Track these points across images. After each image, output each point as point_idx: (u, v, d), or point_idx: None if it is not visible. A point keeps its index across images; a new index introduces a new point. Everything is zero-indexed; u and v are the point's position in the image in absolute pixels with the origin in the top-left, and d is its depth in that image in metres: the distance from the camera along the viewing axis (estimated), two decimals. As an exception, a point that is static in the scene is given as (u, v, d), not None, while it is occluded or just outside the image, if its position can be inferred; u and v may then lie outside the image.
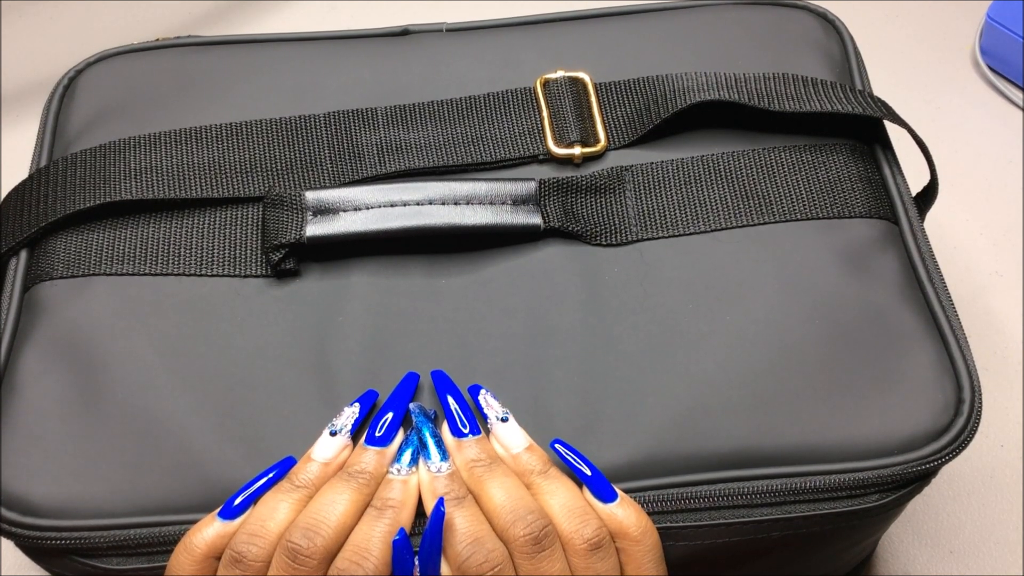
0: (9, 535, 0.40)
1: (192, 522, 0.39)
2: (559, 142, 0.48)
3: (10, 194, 0.48)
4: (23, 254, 0.47)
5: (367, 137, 0.48)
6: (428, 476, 0.39)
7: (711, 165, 0.47)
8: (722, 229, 0.46)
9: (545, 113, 0.49)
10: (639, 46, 0.52)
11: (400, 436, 0.41)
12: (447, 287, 0.45)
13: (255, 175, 0.47)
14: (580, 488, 0.40)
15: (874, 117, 0.48)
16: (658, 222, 0.46)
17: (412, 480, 0.40)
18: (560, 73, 0.50)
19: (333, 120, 0.49)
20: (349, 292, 0.45)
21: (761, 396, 0.42)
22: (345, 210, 0.45)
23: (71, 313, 0.44)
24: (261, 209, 0.46)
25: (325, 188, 0.46)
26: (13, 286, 0.46)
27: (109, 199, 0.46)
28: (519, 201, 0.46)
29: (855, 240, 0.46)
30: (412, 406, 0.41)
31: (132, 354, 0.43)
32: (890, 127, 0.50)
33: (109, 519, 0.40)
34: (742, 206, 0.46)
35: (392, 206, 0.45)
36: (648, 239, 0.46)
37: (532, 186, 0.46)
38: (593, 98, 0.49)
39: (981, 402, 0.42)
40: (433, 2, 0.76)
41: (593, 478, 0.39)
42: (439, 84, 0.50)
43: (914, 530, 0.58)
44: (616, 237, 0.46)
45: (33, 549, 0.41)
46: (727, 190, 0.47)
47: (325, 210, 0.45)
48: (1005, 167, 0.71)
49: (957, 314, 0.44)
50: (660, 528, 0.40)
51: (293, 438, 0.41)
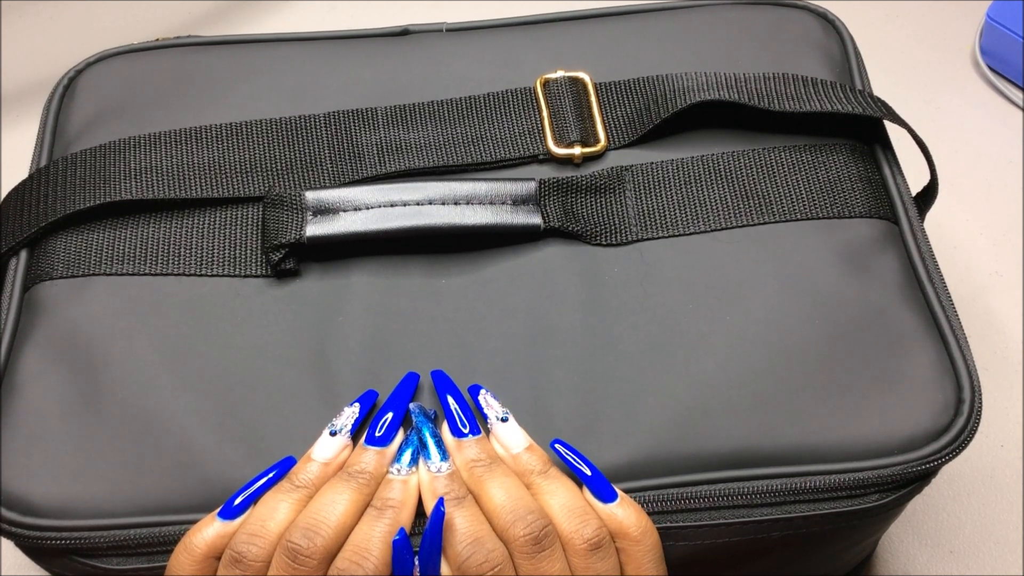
0: (9, 535, 0.40)
1: (192, 522, 0.39)
2: (559, 142, 0.48)
3: (10, 194, 0.48)
4: (23, 254, 0.47)
5: (367, 137, 0.48)
6: (428, 476, 0.39)
7: (711, 165, 0.47)
8: (722, 229, 0.46)
9: (545, 113, 0.49)
10: (639, 46, 0.52)
11: (400, 436, 0.41)
12: (447, 287, 0.45)
13: (255, 175, 0.47)
14: (580, 488, 0.40)
15: (874, 117, 0.48)
16: (658, 222, 0.46)
17: (412, 480, 0.40)
18: (560, 73, 0.50)
19: (333, 120, 0.49)
20: (349, 292, 0.45)
21: (761, 396, 0.42)
22: (345, 210, 0.45)
23: (71, 313, 0.44)
24: (261, 209, 0.46)
25: (325, 188, 0.46)
26: (13, 286, 0.46)
27: (109, 199, 0.46)
28: (519, 201, 0.46)
29: (855, 240, 0.46)
30: (412, 406, 0.41)
31: (132, 354, 0.43)
32: (890, 127, 0.50)
33: (109, 519, 0.40)
34: (742, 206, 0.46)
35: (392, 206, 0.45)
36: (648, 239, 0.46)
37: (532, 186, 0.46)
38: (593, 98, 0.49)
39: (981, 402, 0.42)
40: (433, 2, 0.76)
41: (593, 478, 0.39)
42: (439, 84, 0.50)
43: (914, 530, 0.57)
44: (616, 237, 0.46)
45: (33, 549, 0.41)
46: (727, 190, 0.47)
47: (325, 210, 0.45)
48: (1005, 167, 0.71)
49: (957, 314, 0.44)
50: (660, 528, 0.40)
51: (293, 438, 0.41)
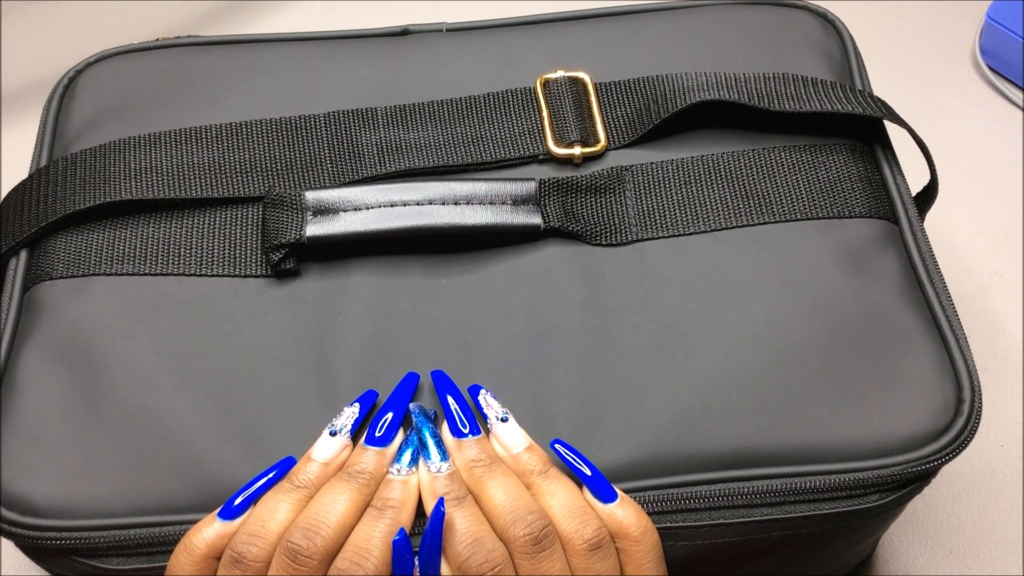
0: (9, 535, 0.40)
1: (192, 522, 0.39)
2: (559, 142, 0.48)
3: (10, 194, 0.48)
4: (23, 254, 0.47)
5: (367, 137, 0.48)
6: (428, 476, 0.39)
7: (711, 165, 0.47)
8: (722, 229, 0.46)
9: (545, 113, 0.49)
10: (639, 46, 0.52)
11: (400, 436, 0.41)
12: (447, 287, 0.45)
13: (255, 175, 0.47)
14: (580, 488, 0.40)
15: (874, 117, 0.48)
16: (658, 222, 0.46)
17: (412, 480, 0.40)
18: (560, 73, 0.50)
19: (333, 120, 0.49)
20: (349, 292, 0.45)
21: (761, 396, 0.42)
22: (345, 210, 0.45)
23: (71, 313, 0.44)
24: (261, 209, 0.46)
25: (325, 188, 0.46)
26: (13, 286, 0.46)
27: (109, 199, 0.46)
28: (519, 201, 0.46)
29: (855, 240, 0.46)
30: (412, 406, 0.41)
31: (132, 354, 0.43)
32: (890, 127, 0.50)
33: (109, 519, 0.40)
34: (742, 206, 0.46)
35: (392, 206, 0.45)
36: (648, 239, 0.46)
37: (532, 186, 0.46)
38: (593, 98, 0.49)
39: (981, 402, 0.42)
40: (433, 2, 0.76)
41: (593, 478, 0.39)
42: (439, 84, 0.50)
43: (914, 530, 0.57)
44: (616, 237, 0.46)
45: (33, 549, 0.41)
46: (727, 190, 0.47)
47: (325, 210, 0.45)
48: (1005, 167, 0.71)
49: (957, 314, 0.44)
50: (660, 528, 0.40)
51: (293, 438, 0.41)
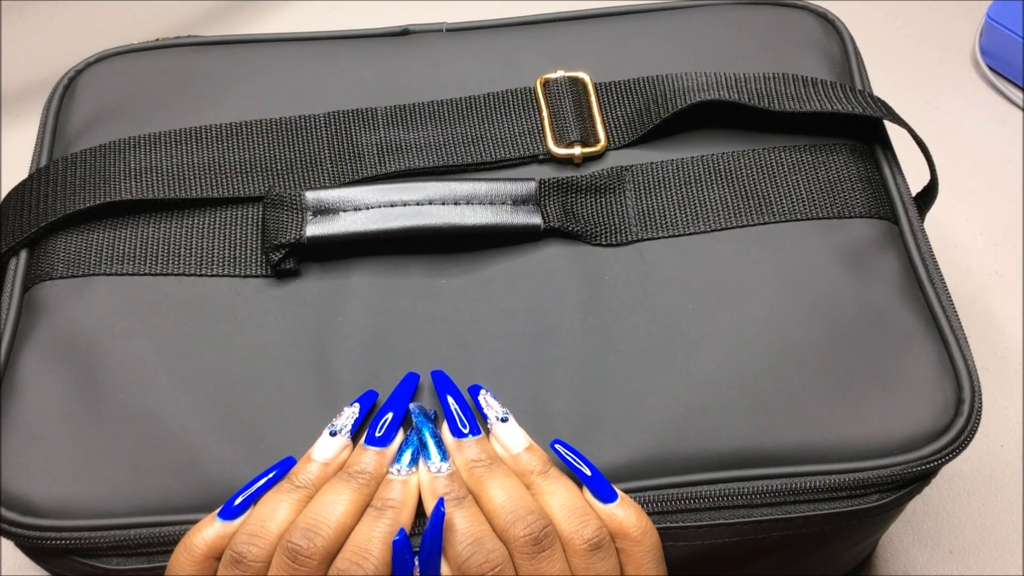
0: (9, 535, 0.40)
1: (192, 522, 0.39)
2: (559, 142, 0.48)
3: (10, 194, 0.48)
4: (23, 254, 0.47)
5: (367, 137, 0.48)
6: (428, 476, 0.39)
7: (711, 165, 0.47)
8: (722, 229, 0.46)
9: (545, 113, 0.49)
10: (639, 46, 0.52)
11: (400, 436, 0.41)
12: (447, 287, 0.45)
13: (255, 175, 0.47)
14: (580, 488, 0.40)
15: (874, 117, 0.48)
16: (658, 222, 0.46)
17: (412, 480, 0.40)
18: (560, 73, 0.50)
19: (333, 120, 0.49)
20: (349, 292, 0.45)
21: (761, 396, 0.42)
22: (345, 210, 0.45)
23: (71, 313, 0.44)
24: (261, 209, 0.46)
25: (325, 188, 0.46)
26: (13, 286, 0.46)
27: (109, 199, 0.46)
28: (519, 201, 0.46)
29: (855, 240, 0.46)
30: (412, 406, 0.41)
31: (132, 354, 0.43)
32: (890, 127, 0.50)
33: (109, 519, 0.40)
34: (742, 206, 0.46)
35: (392, 206, 0.45)
36: (648, 239, 0.46)
37: (532, 186, 0.46)
38: (593, 98, 0.49)
39: (981, 402, 0.42)
40: (433, 2, 0.76)
41: (593, 478, 0.39)
42: (439, 84, 0.50)
43: (914, 530, 0.57)
44: (616, 237, 0.46)
45: (33, 549, 0.41)
46: (727, 190, 0.47)
47: (325, 210, 0.45)
48: (1005, 167, 0.71)
49: (957, 314, 0.44)
50: (660, 528, 0.40)
51: (293, 438, 0.41)
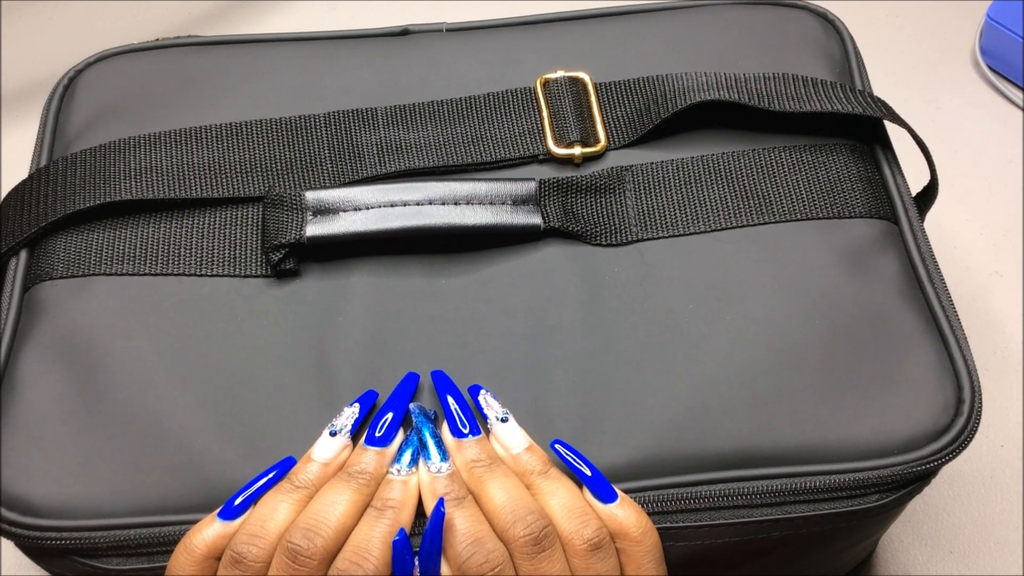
0: (9, 535, 0.40)
1: (192, 522, 0.39)
2: (559, 142, 0.48)
3: (10, 194, 0.48)
4: (23, 254, 0.47)
5: (367, 137, 0.48)
6: (428, 476, 0.39)
7: (711, 165, 0.47)
8: (722, 229, 0.46)
9: (545, 113, 0.49)
10: (639, 46, 0.52)
11: (400, 436, 0.41)
12: (447, 287, 0.45)
13: (255, 175, 0.47)
14: (580, 488, 0.40)
15: (874, 117, 0.48)
16: (658, 222, 0.46)
17: (412, 480, 0.40)
18: (560, 73, 0.50)
19: (333, 120, 0.49)
20: (349, 292, 0.45)
21: (761, 396, 0.42)
22: (345, 210, 0.45)
23: (71, 313, 0.44)
24: (261, 209, 0.46)
25: (325, 188, 0.46)
26: (13, 286, 0.46)
27: (109, 199, 0.46)
28: (519, 201, 0.46)
29: (855, 240, 0.46)
30: (412, 406, 0.41)
31: (132, 354, 0.43)
32: (890, 127, 0.50)
33: (109, 519, 0.40)
34: (742, 206, 0.46)
35: (392, 206, 0.45)
36: (648, 239, 0.46)
37: (532, 186, 0.46)
38: (593, 98, 0.49)
39: (981, 402, 0.42)
40: (433, 2, 0.76)
41: (593, 478, 0.39)
42: (439, 84, 0.50)
43: (914, 530, 0.57)
44: (616, 237, 0.46)
45: (33, 549, 0.41)
46: (727, 190, 0.47)
47: (325, 210, 0.45)
48: (1005, 167, 0.71)
49: (957, 314, 0.44)
50: (660, 528, 0.40)
51: (293, 438, 0.41)
